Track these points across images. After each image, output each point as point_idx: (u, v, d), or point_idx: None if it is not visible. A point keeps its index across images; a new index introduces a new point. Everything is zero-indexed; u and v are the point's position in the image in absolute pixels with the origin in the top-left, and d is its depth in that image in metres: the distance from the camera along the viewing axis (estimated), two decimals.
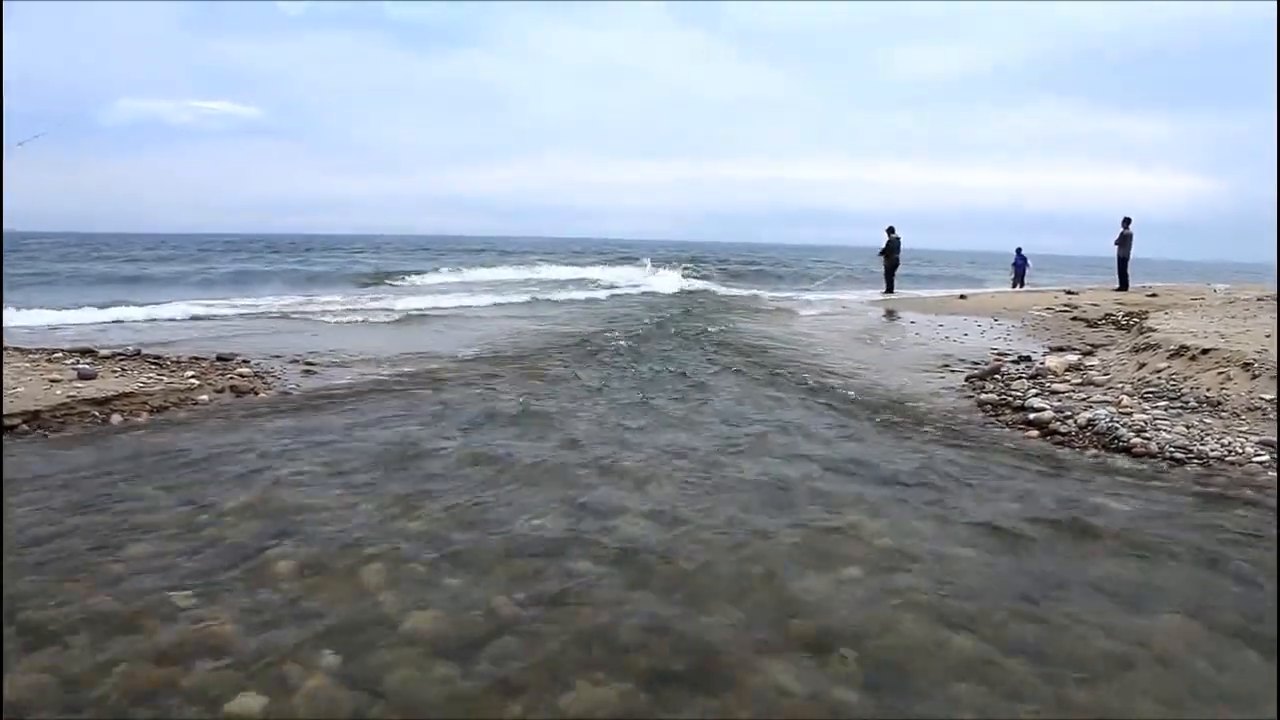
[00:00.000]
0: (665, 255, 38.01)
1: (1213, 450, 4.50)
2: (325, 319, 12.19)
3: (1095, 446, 4.80)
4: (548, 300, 16.63)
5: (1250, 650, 2.49)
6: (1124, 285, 16.68)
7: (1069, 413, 5.39)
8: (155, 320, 11.57)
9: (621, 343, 9.34)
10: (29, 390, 5.47)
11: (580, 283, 22.47)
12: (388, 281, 22.94)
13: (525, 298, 16.94)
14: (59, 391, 5.50)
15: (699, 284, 22.77)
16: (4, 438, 4.64)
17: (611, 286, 21.11)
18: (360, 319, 12.25)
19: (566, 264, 30.80)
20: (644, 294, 18.87)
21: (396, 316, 12.62)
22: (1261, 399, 5.25)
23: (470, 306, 14.88)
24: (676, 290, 20.01)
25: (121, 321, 11.29)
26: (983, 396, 6.20)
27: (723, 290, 21.04)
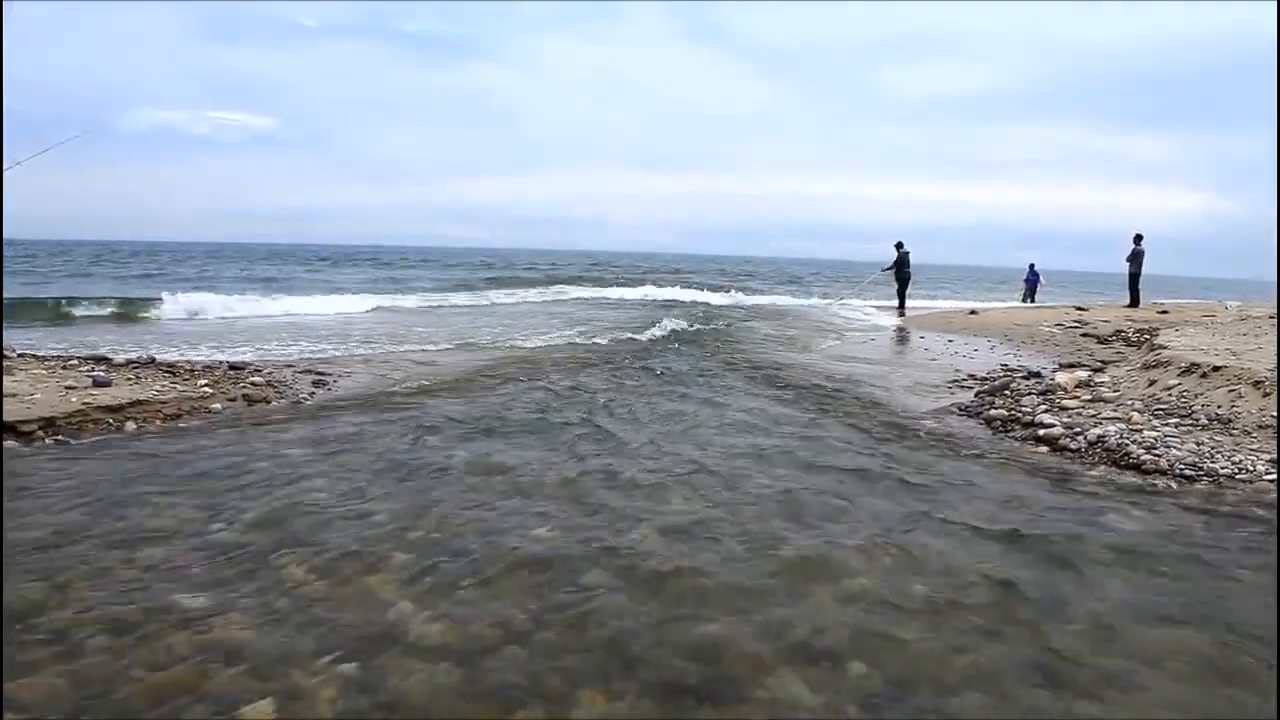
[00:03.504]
0: (669, 269, 37.92)
1: (1223, 468, 4.48)
2: None
3: (1105, 463, 4.78)
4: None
5: (1257, 662, 2.48)
6: (1135, 302, 16.63)
7: (1079, 429, 5.37)
8: None
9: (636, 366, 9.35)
10: (45, 397, 5.53)
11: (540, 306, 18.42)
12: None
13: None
14: (74, 399, 5.56)
15: (708, 306, 21.78)
16: (20, 443, 4.70)
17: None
18: None
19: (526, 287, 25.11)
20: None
21: None
22: (1272, 416, 5.22)
23: None
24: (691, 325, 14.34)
25: None
26: (992, 412, 6.18)
27: (736, 307, 20.93)
